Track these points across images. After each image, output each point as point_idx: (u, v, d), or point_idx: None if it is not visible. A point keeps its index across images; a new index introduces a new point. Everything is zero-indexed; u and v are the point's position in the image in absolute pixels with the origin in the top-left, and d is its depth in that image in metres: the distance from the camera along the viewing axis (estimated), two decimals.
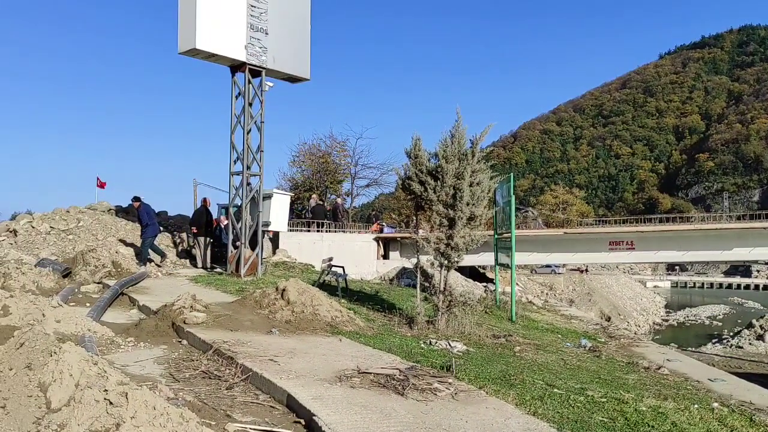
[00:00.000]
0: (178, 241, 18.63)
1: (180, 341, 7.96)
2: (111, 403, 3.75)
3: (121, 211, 20.22)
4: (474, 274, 29.00)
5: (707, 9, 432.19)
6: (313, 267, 18.09)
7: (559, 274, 58.82)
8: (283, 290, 9.33)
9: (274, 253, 19.48)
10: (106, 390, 3.83)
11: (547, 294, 48.60)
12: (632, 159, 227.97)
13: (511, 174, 15.45)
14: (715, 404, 7.27)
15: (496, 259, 17.35)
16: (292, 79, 15.76)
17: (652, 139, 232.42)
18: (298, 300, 9.15)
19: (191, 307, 8.63)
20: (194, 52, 14.11)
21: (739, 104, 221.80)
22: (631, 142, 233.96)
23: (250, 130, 15.24)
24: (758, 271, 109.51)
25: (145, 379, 5.92)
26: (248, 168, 15.26)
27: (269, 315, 8.94)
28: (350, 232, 22.81)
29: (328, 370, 6.40)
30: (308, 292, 9.44)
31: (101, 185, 23.01)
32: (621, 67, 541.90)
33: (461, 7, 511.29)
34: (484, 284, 22.15)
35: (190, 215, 19.03)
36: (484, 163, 11.26)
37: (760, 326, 47.69)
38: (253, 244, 15.24)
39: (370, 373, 6.33)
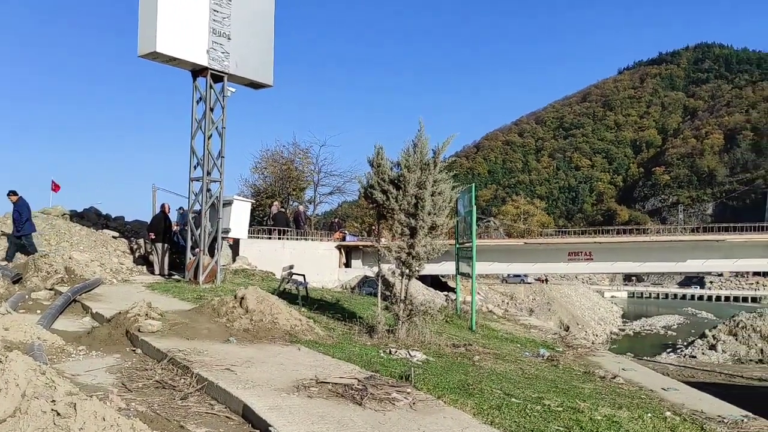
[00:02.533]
0: (135, 247, 18.26)
1: (134, 350, 7.77)
2: (59, 414, 3.63)
3: (76, 216, 19.73)
4: (435, 283, 29.12)
5: (665, 26, 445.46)
6: (274, 275, 17.92)
7: (528, 283, 59.59)
8: (242, 298, 9.19)
9: (234, 260, 19.24)
10: (53, 401, 3.70)
11: (508, 303, 49.10)
12: (592, 171, 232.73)
13: (473, 184, 15.59)
14: (668, 413, 7.40)
15: (458, 269, 17.45)
16: (255, 85, 15.63)
17: (611, 152, 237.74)
18: (257, 308, 9.03)
19: (146, 314, 8.44)
20: (154, 56, 13.88)
21: (694, 120, 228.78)
22: (590, 155, 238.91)
23: (211, 135, 15.05)
24: (711, 282, 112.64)
25: (96, 389, 5.75)
26: (208, 174, 15.06)
27: (227, 323, 8.80)
28: (312, 239, 22.70)
29: (285, 380, 6.32)
30: (268, 300, 9.33)
31: (56, 188, 22.45)
32: (581, 80, 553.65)
33: (427, 21, 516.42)
34: (446, 293, 22.24)
35: (149, 221, 18.68)
36: (446, 172, 11.32)
37: (713, 336, 48.95)
38: (212, 251, 15.03)
39: (329, 382, 6.27)
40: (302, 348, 8.24)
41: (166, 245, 16.88)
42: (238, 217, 16.88)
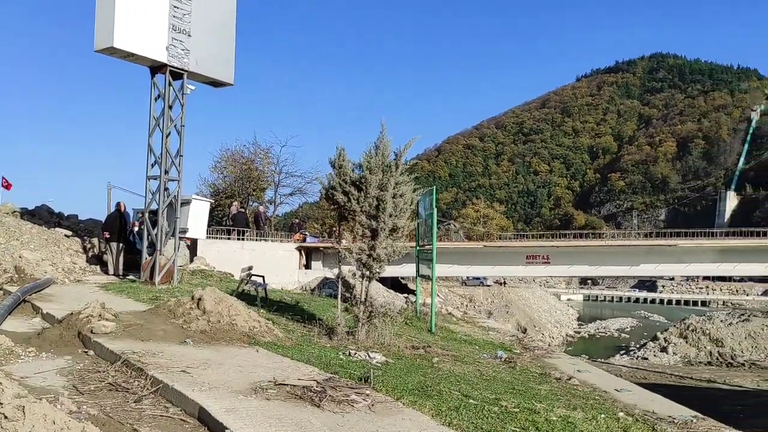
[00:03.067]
0: (89, 246, 17.80)
1: (86, 352, 7.57)
2: (6, 417, 3.51)
3: (27, 214, 19.13)
4: (396, 285, 29.17)
5: (622, 36, 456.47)
6: (233, 276, 17.70)
7: (487, 285, 60.12)
8: (199, 299, 9.05)
9: (191, 261, 18.94)
10: (1, 403, 3.59)
11: (467, 306, 49.47)
12: (550, 176, 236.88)
13: (434, 187, 15.68)
14: (621, 414, 7.56)
15: (418, 271, 17.52)
16: (215, 84, 15.43)
17: (569, 158, 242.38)
18: (214, 309, 8.91)
19: (100, 315, 8.24)
20: (112, 51, 13.57)
21: (648, 127, 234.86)
22: (549, 160, 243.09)
23: (169, 133, 14.79)
24: (663, 286, 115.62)
25: (46, 392, 5.59)
26: (166, 172, 14.79)
27: (184, 325, 8.65)
28: (272, 240, 22.49)
29: (243, 382, 6.25)
30: (226, 301, 9.20)
31: (7, 186, 21.78)
32: (541, 87, 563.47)
33: (392, 21, 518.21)
34: (406, 295, 22.31)
35: (103, 219, 18.25)
36: (408, 175, 11.36)
37: (664, 339, 50.25)
38: (169, 251, 14.76)
39: (287, 384, 6.22)
40: (261, 350, 8.16)
41: (121, 245, 16.52)
42: (197, 217, 16.63)
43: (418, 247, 17.21)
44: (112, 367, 6.72)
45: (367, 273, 10.83)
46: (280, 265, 19.99)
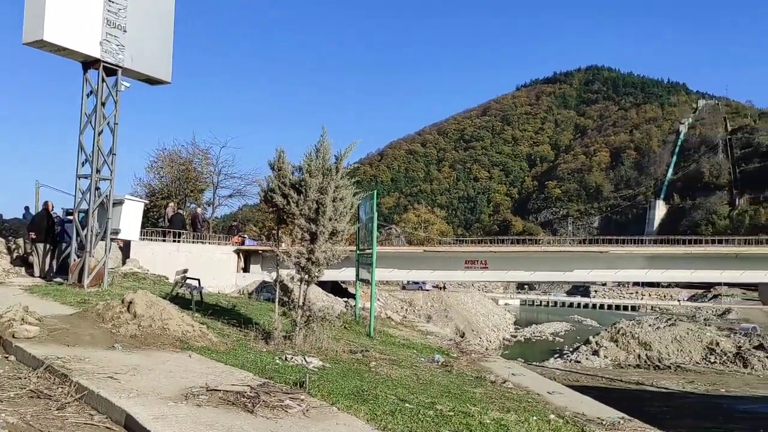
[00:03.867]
0: (14, 247, 17.01)
1: (7, 357, 7.21)
2: None
3: None
4: (336, 289, 29.04)
5: (560, 47, 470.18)
6: (167, 279, 17.23)
7: (426, 290, 60.56)
8: (130, 302, 8.76)
9: (124, 263, 18.35)
10: None
11: (407, 310, 49.76)
12: (489, 183, 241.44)
13: (375, 191, 15.70)
14: (552, 416, 7.72)
15: (358, 275, 17.49)
16: (152, 81, 14.99)
17: (508, 165, 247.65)
18: (146, 313, 8.64)
19: (22, 319, 7.85)
20: (41, 44, 13.01)
21: (584, 137, 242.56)
22: (489, 167, 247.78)
23: (101, 131, 14.28)
24: (596, 291, 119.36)
25: None
26: (98, 171, 14.27)
27: (113, 329, 8.35)
28: (210, 243, 22.03)
29: (173, 388, 6.07)
30: (158, 305, 8.94)
31: None
32: (482, 95, 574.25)
33: (336, 23, 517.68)
34: (345, 299, 22.23)
35: (30, 219, 17.47)
36: (349, 179, 11.33)
37: (596, 342, 51.88)
38: (100, 252, 14.25)
39: (219, 390, 6.08)
40: (193, 355, 7.96)
41: (48, 246, 15.84)
42: (130, 218, 16.13)
43: (358, 251, 17.18)
44: (34, 374, 6.42)
45: (306, 277, 10.73)
46: (217, 269, 19.57)
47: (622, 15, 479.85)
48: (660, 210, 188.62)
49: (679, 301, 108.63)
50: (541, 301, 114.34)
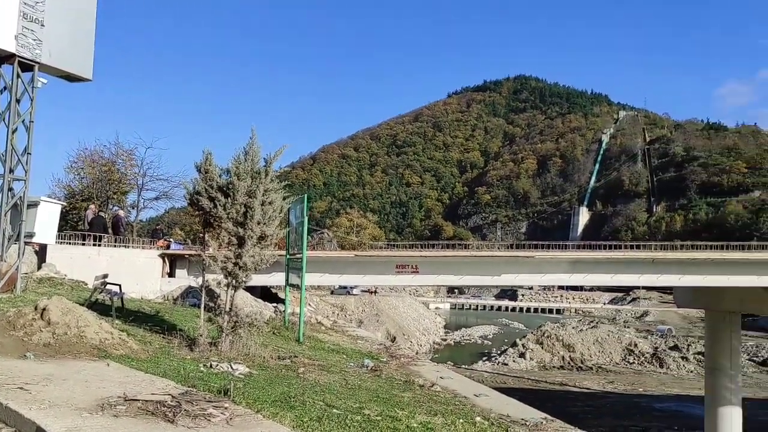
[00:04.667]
0: None
1: None
2: None
3: None
4: (266, 294, 28.58)
5: (489, 56, 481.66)
6: (87, 284, 16.48)
7: (354, 294, 60.48)
8: (44, 309, 8.32)
9: (39, 267, 17.44)
10: None
11: (338, 315, 49.60)
12: (421, 188, 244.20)
13: (305, 195, 15.56)
14: (478, 418, 7.83)
15: (287, 280, 17.27)
16: (71, 78, 14.31)
17: (439, 171, 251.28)
18: (61, 320, 8.22)
19: None
20: None
21: (512, 145, 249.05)
22: (420, 172, 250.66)
23: (16, 129, 13.54)
24: (523, 295, 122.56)
25: None
26: (11, 171, 13.52)
27: (24, 337, 7.90)
28: (133, 247, 21.27)
29: (89, 398, 5.78)
30: (74, 311, 8.53)
31: None
32: (414, 101, 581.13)
33: (269, 31, 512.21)
34: (275, 305, 21.90)
35: None
36: (278, 182, 11.18)
37: (522, 345, 53.35)
38: (13, 256, 13.49)
39: (138, 399, 5.84)
40: (112, 363, 7.62)
41: None
42: (45, 220, 15.38)
43: (288, 256, 16.97)
44: None
45: (233, 282, 10.50)
46: (141, 273, 18.90)
47: (550, 26, 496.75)
48: (583, 216, 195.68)
49: (600, 304, 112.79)
50: (470, 305, 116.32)
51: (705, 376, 28.62)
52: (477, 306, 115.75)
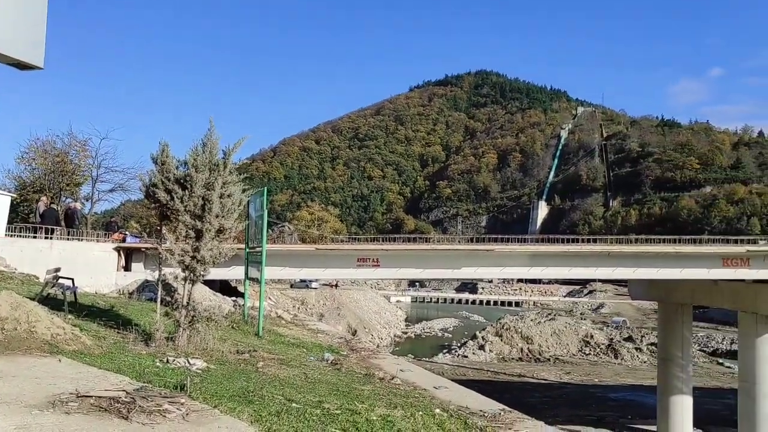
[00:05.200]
0: None
1: None
2: None
3: None
4: (226, 288, 28.24)
5: (451, 50, 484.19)
6: (38, 279, 16.02)
7: (314, 288, 60.29)
8: None
9: None
10: None
11: (299, 308, 49.40)
12: (383, 181, 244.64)
13: (265, 188, 15.39)
14: (437, 410, 7.88)
15: (247, 273, 17.09)
16: (21, 66, 13.84)
17: (401, 165, 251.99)
18: (10, 315, 7.97)
19: None
20: None
21: (473, 139, 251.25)
22: (382, 166, 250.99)
23: None
24: (483, 288, 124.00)
25: None
26: None
27: None
28: (87, 240, 20.74)
29: (39, 395, 5.63)
30: (24, 306, 8.28)
31: None
32: (376, 94, 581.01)
33: (230, 20, 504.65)
34: (234, 299, 21.65)
35: None
36: (238, 174, 11.03)
37: (482, 337, 54.02)
38: None
39: (91, 396, 5.70)
40: (64, 359, 7.43)
41: None
42: None
43: (247, 249, 16.79)
44: None
45: (191, 275, 10.32)
46: (95, 267, 18.45)
47: (510, 22, 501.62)
48: (542, 210, 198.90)
49: (558, 296, 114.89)
50: (431, 298, 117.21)
51: (657, 366, 29.38)
52: (438, 299, 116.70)
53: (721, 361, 51.23)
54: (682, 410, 26.59)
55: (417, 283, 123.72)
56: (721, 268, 22.49)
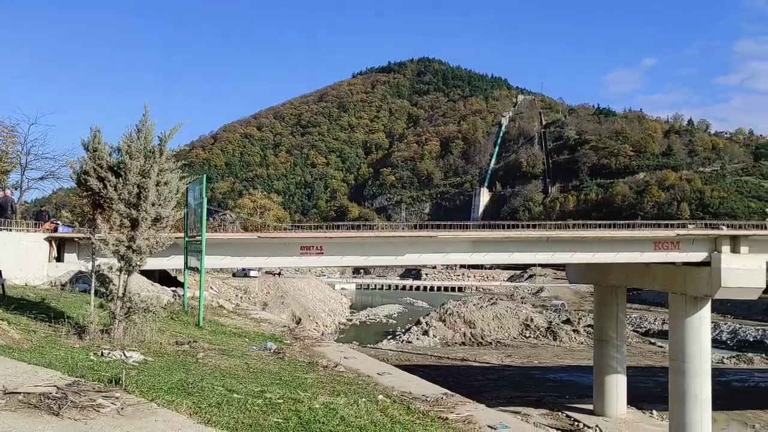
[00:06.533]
0: None
1: None
2: None
3: None
4: (165, 278, 27.58)
5: (394, 36, 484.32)
6: None
7: (254, 277, 59.54)
8: None
9: None
10: None
11: (241, 298, 48.73)
12: (327, 169, 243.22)
13: (204, 175, 15.05)
14: (381, 396, 7.93)
15: (186, 263, 16.72)
16: None
17: (345, 152, 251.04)
18: None
19: None
20: None
21: (416, 127, 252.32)
22: (326, 153, 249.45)
23: None
24: (426, 274, 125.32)
25: None
26: None
27: None
28: (16, 230, 19.83)
29: None
30: None
31: None
32: (319, 81, 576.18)
33: (167, 5, 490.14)
34: (173, 289, 21.17)
35: None
36: (175, 161, 10.74)
37: (426, 323, 54.62)
38: None
39: (19, 392, 5.48)
40: None
41: None
42: None
43: (186, 238, 16.42)
44: None
45: (126, 266, 10.03)
46: (25, 258, 17.65)
47: (453, 10, 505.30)
48: (484, 197, 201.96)
49: (499, 281, 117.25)
50: (376, 285, 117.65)
51: (593, 347, 30.35)
52: (382, 286, 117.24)
53: (653, 341, 53.40)
54: (616, 389, 27.58)
55: (362, 271, 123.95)
56: (653, 251, 23.34)
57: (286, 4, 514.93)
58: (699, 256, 23.21)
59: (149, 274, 20.84)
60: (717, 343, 46.81)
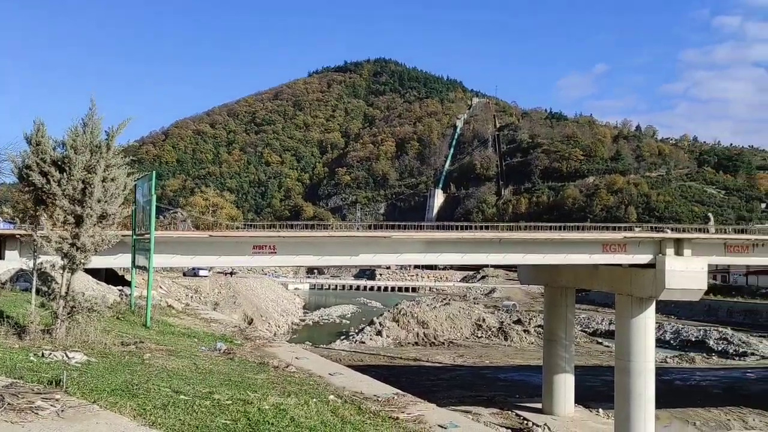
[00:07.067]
0: None
1: None
2: None
3: None
4: (112, 276, 26.86)
5: (350, 36, 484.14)
6: None
7: (204, 276, 58.59)
8: None
9: None
10: None
11: (191, 297, 47.89)
12: (281, 167, 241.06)
13: (153, 171, 14.70)
14: (332, 396, 7.88)
15: (134, 261, 16.33)
16: None
17: (300, 151, 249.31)
18: None
19: None
20: None
21: (372, 127, 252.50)
22: (280, 152, 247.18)
23: None
24: (381, 274, 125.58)
25: None
26: None
27: None
28: None
29: None
30: None
31: None
32: (274, 78, 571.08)
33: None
34: (120, 288, 20.64)
35: None
36: (123, 157, 10.46)
37: (379, 323, 54.70)
38: None
39: None
40: None
41: None
42: None
43: (134, 236, 16.03)
44: None
45: (70, 264, 9.72)
46: None
47: (410, 12, 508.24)
48: (438, 198, 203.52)
49: (452, 282, 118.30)
50: (330, 285, 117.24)
51: (543, 346, 30.91)
52: (336, 286, 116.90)
53: (600, 340, 54.69)
54: (564, 387, 28.15)
55: (316, 271, 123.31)
56: (601, 253, 23.92)
57: (241, 5, 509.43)
58: (645, 258, 23.89)
59: (95, 273, 20.28)
60: (661, 343, 48.29)
